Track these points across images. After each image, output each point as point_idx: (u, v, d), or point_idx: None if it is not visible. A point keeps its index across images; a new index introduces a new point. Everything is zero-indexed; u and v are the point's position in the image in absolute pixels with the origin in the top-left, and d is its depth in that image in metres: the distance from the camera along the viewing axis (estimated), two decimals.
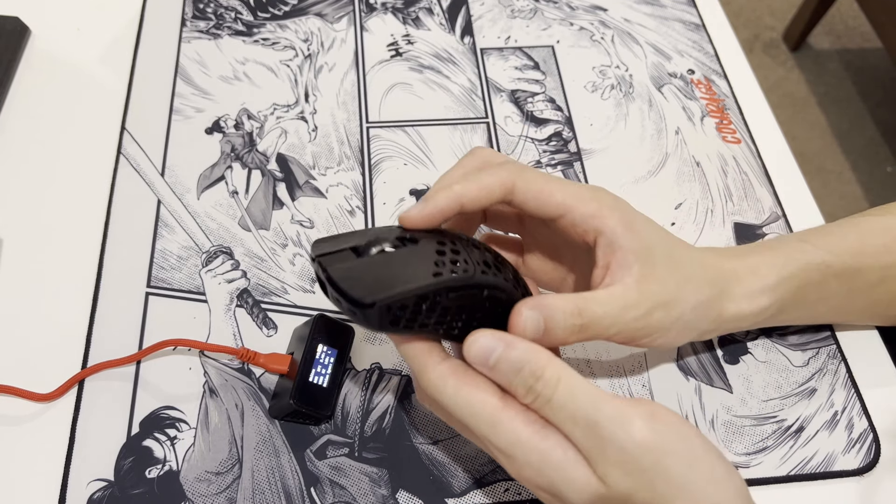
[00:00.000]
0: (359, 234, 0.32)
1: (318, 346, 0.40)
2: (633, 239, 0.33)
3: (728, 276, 0.37)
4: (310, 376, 0.39)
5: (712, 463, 0.29)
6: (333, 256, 0.30)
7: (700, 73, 0.58)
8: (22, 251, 0.45)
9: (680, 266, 0.35)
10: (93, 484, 0.37)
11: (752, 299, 0.37)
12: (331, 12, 0.60)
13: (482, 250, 0.33)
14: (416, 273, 0.29)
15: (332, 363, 0.40)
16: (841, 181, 1.52)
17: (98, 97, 0.53)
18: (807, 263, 0.38)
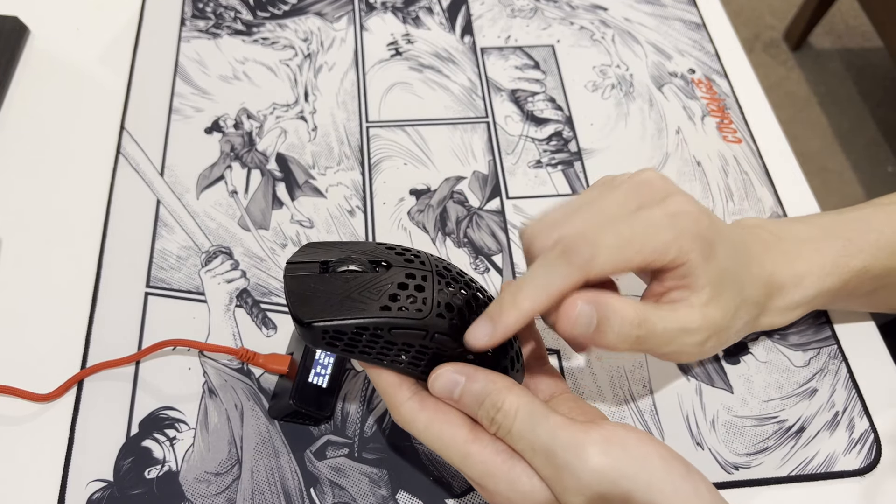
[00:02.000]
0: (345, 246, 0.32)
1: None
2: (710, 265, 0.31)
3: (771, 290, 0.36)
4: (309, 377, 0.39)
5: (673, 479, 0.28)
6: (300, 266, 0.31)
7: (701, 73, 0.58)
8: (21, 251, 0.45)
9: (742, 289, 0.34)
10: (92, 484, 0.37)
11: (787, 313, 0.38)
12: (330, 11, 0.60)
13: (454, 293, 0.31)
14: (365, 303, 0.29)
15: (332, 364, 0.39)
16: (842, 181, 1.52)
17: (97, 97, 0.53)
18: (849, 271, 0.38)
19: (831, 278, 0.37)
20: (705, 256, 0.31)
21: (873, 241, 0.38)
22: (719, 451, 0.40)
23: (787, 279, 0.36)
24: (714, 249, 0.31)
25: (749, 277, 0.34)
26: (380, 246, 0.33)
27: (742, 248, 0.34)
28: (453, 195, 0.49)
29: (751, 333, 0.44)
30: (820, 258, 0.37)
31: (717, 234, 0.32)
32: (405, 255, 0.32)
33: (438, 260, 0.33)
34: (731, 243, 0.33)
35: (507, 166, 0.51)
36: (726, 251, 0.32)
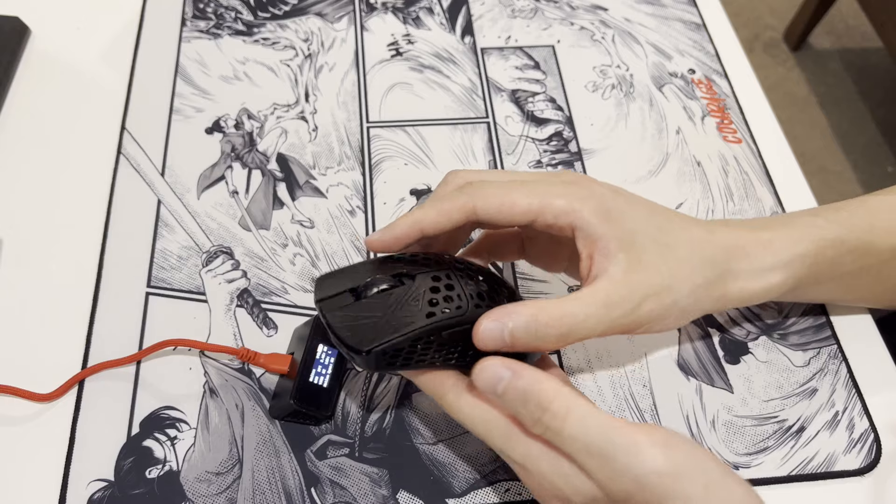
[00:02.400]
0: (359, 269, 0.33)
1: (318, 346, 0.39)
2: (611, 227, 0.32)
3: (734, 253, 0.35)
4: (310, 376, 0.39)
5: (729, 486, 0.29)
6: (333, 301, 0.32)
7: (701, 73, 0.58)
8: (22, 251, 0.45)
9: (673, 248, 0.33)
10: (93, 484, 0.37)
11: (761, 276, 0.36)
12: (331, 12, 0.60)
13: (476, 280, 0.33)
14: (411, 316, 0.31)
15: (333, 363, 0.40)
16: (841, 181, 1.52)
17: (98, 97, 0.53)
18: (822, 239, 0.37)
19: (804, 244, 0.37)
20: (600, 214, 0.32)
21: (846, 218, 0.39)
22: (719, 450, 0.40)
23: (749, 243, 0.36)
24: (615, 211, 0.32)
25: (680, 236, 0.34)
26: (386, 260, 0.34)
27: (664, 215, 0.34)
28: None
29: (750, 332, 0.44)
30: (786, 228, 0.37)
31: (613, 198, 0.33)
32: (417, 260, 0.33)
33: (444, 256, 0.34)
34: (636, 206, 0.33)
35: (507, 166, 0.51)
36: (630, 211, 0.33)
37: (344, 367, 0.40)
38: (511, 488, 0.38)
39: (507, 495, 0.38)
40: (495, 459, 0.39)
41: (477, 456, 0.39)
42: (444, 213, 0.32)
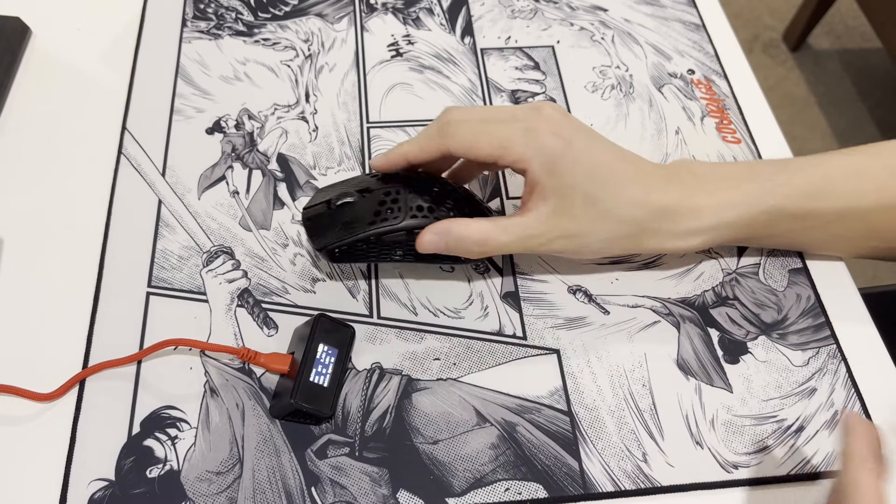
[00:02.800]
0: (348, 182, 0.43)
1: (318, 345, 0.40)
2: (552, 179, 0.38)
3: (660, 215, 0.39)
4: (310, 376, 0.39)
5: None
6: (312, 209, 0.43)
7: (700, 73, 0.58)
8: (22, 251, 0.46)
9: (600, 203, 0.38)
10: (94, 484, 0.37)
11: (681, 239, 0.40)
12: (331, 13, 0.60)
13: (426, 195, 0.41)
14: (358, 223, 0.41)
15: (333, 363, 0.40)
16: None
17: (99, 97, 0.53)
18: (755, 207, 0.40)
19: (734, 211, 0.40)
20: (548, 170, 0.38)
21: (790, 181, 0.40)
22: (719, 450, 0.40)
23: (679, 207, 0.40)
24: (559, 166, 0.38)
25: (614, 193, 0.39)
26: (367, 177, 0.43)
27: (608, 173, 0.39)
28: None
29: (749, 332, 0.44)
30: (725, 193, 0.40)
31: (569, 158, 0.38)
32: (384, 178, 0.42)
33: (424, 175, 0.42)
34: (591, 167, 0.38)
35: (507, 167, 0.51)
36: (579, 171, 0.38)
37: (344, 367, 0.41)
38: (511, 488, 0.38)
39: (506, 495, 0.38)
40: (495, 459, 0.39)
41: (477, 455, 0.39)
42: (425, 149, 0.40)
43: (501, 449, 0.39)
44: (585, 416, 0.41)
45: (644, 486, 0.38)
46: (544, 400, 0.41)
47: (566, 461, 0.39)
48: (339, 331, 0.41)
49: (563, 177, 0.38)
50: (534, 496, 0.38)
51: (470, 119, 0.39)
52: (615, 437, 0.40)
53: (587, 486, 0.38)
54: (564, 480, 0.38)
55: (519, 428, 0.40)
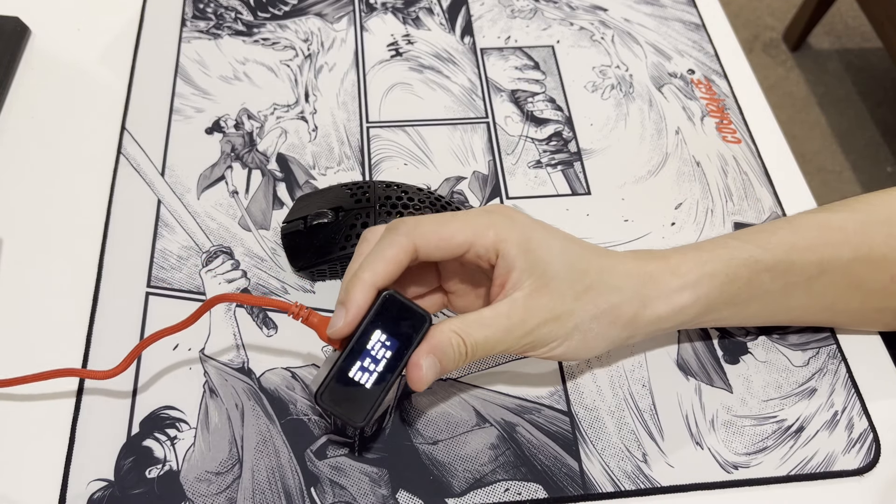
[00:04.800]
0: (325, 195, 0.45)
1: (374, 331, 0.32)
2: (527, 259, 0.34)
3: (642, 279, 0.37)
4: (352, 370, 0.32)
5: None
6: (290, 225, 0.44)
7: (700, 73, 0.58)
8: (22, 251, 0.45)
9: (581, 277, 0.35)
10: (93, 484, 0.37)
11: (669, 299, 0.37)
12: (331, 12, 0.60)
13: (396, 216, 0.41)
14: (331, 247, 0.42)
15: (387, 360, 0.32)
16: (841, 181, 1.52)
17: (98, 97, 0.53)
18: (732, 259, 0.38)
19: (712, 263, 0.38)
20: (521, 246, 0.34)
21: (764, 238, 0.39)
22: (719, 450, 0.40)
23: (657, 269, 0.37)
24: (531, 243, 0.34)
25: (591, 266, 0.36)
26: (343, 190, 0.44)
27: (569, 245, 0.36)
28: (453, 195, 0.49)
29: (749, 332, 0.44)
30: (696, 252, 0.39)
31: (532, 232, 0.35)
32: (357, 194, 0.43)
33: (385, 191, 0.44)
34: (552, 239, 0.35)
35: (507, 166, 0.51)
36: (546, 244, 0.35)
37: (401, 368, 0.33)
38: (510, 488, 0.38)
39: (506, 495, 0.38)
40: (495, 459, 0.39)
41: (477, 456, 0.39)
42: (392, 262, 0.33)
43: (501, 449, 0.39)
44: (585, 417, 0.40)
45: (644, 486, 0.38)
46: (544, 400, 0.41)
47: (566, 461, 0.39)
48: (409, 317, 0.33)
49: (539, 252, 0.34)
50: (534, 496, 0.38)
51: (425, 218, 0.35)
52: (615, 437, 0.40)
53: (587, 487, 0.38)
54: (564, 481, 0.38)
55: (519, 428, 0.40)
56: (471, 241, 0.34)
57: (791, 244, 0.39)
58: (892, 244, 0.39)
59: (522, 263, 0.34)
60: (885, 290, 0.40)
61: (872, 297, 0.40)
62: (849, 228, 0.40)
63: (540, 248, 0.34)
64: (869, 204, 0.41)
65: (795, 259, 0.38)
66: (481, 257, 0.34)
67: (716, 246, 0.39)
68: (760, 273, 0.38)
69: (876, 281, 0.39)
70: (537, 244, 0.34)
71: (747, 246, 0.39)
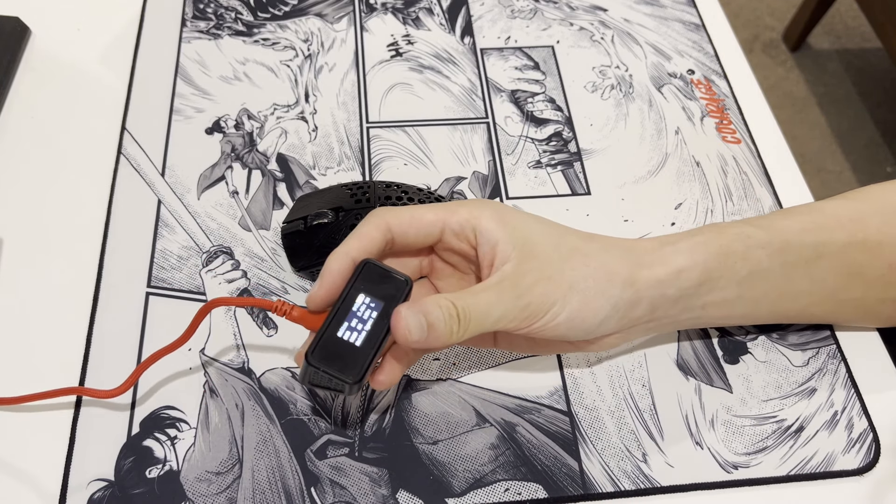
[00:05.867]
0: (325, 195, 0.45)
1: (358, 295, 0.33)
2: (507, 230, 0.34)
3: (628, 246, 0.37)
4: (339, 330, 0.32)
5: None
6: (290, 225, 0.44)
7: (700, 74, 0.58)
8: (22, 251, 0.45)
9: (563, 242, 0.35)
10: (93, 484, 0.37)
11: (665, 262, 0.36)
12: (331, 12, 0.60)
13: None
14: (330, 245, 0.41)
15: (374, 319, 0.33)
16: (841, 181, 1.52)
17: (98, 97, 0.53)
18: (723, 232, 0.38)
19: (703, 234, 0.38)
20: (498, 219, 0.34)
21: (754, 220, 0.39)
22: (718, 450, 0.40)
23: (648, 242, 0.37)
24: (507, 218, 0.34)
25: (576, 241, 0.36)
26: (343, 190, 0.44)
27: (553, 223, 0.36)
28: (453, 195, 0.50)
29: (749, 332, 0.44)
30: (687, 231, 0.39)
31: (515, 214, 0.35)
32: (357, 194, 0.44)
33: (385, 191, 0.44)
34: (533, 221, 0.36)
35: (506, 167, 0.51)
36: (531, 223, 0.35)
37: (387, 327, 0.33)
38: (510, 488, 0.38)
39: (506, 495, 0.38)
40: (495, 459, 0.39)
41: (477, 456, 0.39)
42: (366, 237, 0.34)
43: (501, 449, 0.39)
44: (585, 417, 0.41)
45: (644, 486, 0.38)
46: (544, 400, 0.41)
47: (566, 461, 0.39)
48: (389, 281, 0.34)
49: (518, 226, 0.35)
50: (534, 496, 0.38)
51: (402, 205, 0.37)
52: (615, 437, 0.40)
53: (587, 487, 0.38)
54: (564, 481, 0.38)
55: (519, 428, 0.40)
56: (442, 218, 0.35)
57: (784, 226, 0.39)
58: (887, 231, 0.39)
59: (503, 234, 0.34)
60: (884, 278, 0.40)
61: (873, 286, 0.40)
62: (842, 215, 0.40)
63: (516, 221, 0.35)
64: (864, 193, 0.41)
65: (790, 239, 0.38)
66: (459, 236, 0.35)
67: (704, 226, 0.39)
68: (755, 248, 0.38)
69: (875, 268, 0.40)
70: (512, 218, 0.35)
71: (738, 224, 0.39)
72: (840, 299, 0.41)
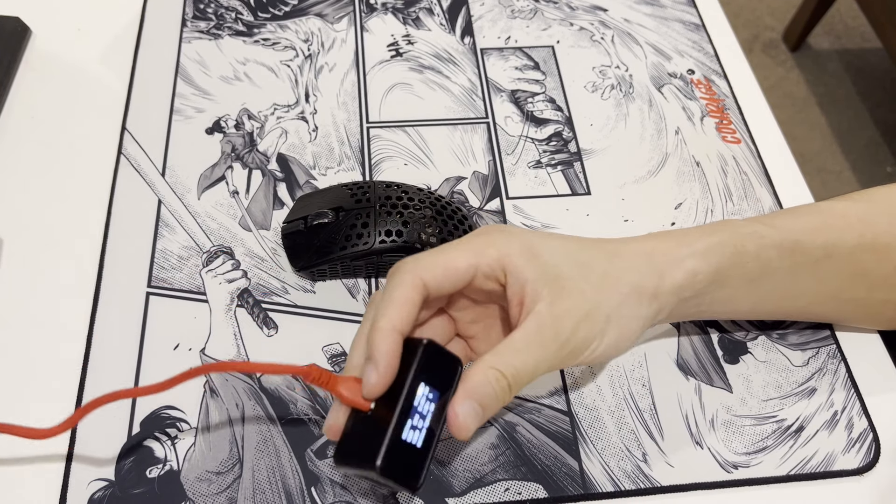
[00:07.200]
0: (325, 195, 0.45)
1: (419, 385, 0.30)
2: (536, 266, 0.33)
3: (650, 253, 0.36)
4: (403, 431, 0.29)
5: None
6: (291, 225, 0.44)
7: (700, 74, 0.58)
8: (22, 251, 0.46)
9: (592, 268, 0.35)
10: (93, 484, 0.37)
11: (682, 265, 0.36)
12: (331, 12, 0.60)
13: (394, 216, 0.42)
14: (330, 248, 0.42)
15: (432, 412, 0.30)
16: (841, 181, 1.52)
17: (99, 97, 0.53)
18: (737, 232, 0.38)
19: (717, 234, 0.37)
20: (526, 256, 0.33)
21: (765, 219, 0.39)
22: (718, 450, 0.40)
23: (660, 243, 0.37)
24: (534, 249, 0.34)
25: (597, 256, 0.35)
26: (343, 190, 0.44)
27: (571, 243, 0.36)
28: (453, 195, 0.50)
29: (749, 332, 0.44)
30: (700, 227, 0.38)
31: (532, 239, 0.34)
32: (357, 194, 0.44)
33: (386, 191, 0.44)
34: (553, 242, 0.35)
35: (507, 167, 0.51)
36: (550, 248, 0.34)
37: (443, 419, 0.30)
38: (510, 488, 0.38)
39: (506, 495, 0.38)
40: (495, 459, 0.39)
41: (477, 456, 0.39)
42: (406, 304, 0.32)
43: (501, 449, 0.39)
44: (585, 416, 0.41)
45: (644, 486, 0.38)
46: (544, 400, 0.41)
47: (566, 461, 0.39)
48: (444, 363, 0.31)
49: (544, 256, 0.34)
50: (534, 496, 0.38)
51: (423, 253, 0.34)
52: (615, 437, 0.40)
53: (587, 486, 0.38)
54: (564, 480, 0.38)
55: (519, 428, 0.40)
56: (474, 263, 0.33)
57: (794, 226, 0.39)
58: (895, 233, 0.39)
59: (533, 273, 0.33)
60: (889, 279, 0.40)
61: (878, 287, 0.40)
62: (851, 216, 0.40)
63: (543, 253, 0.34)
64: (870, 195, 0.41)
65: (801, 239, 0.38)
66: (489, 277, 0.34)
67: (718, 223, 0.39)
68: (767, 248, 0.38)
69: (881, 269, 0.40)
70: (539, 249, 0.34)
71: (751, 223, 0.39)
72: (843, 299, 0.41)
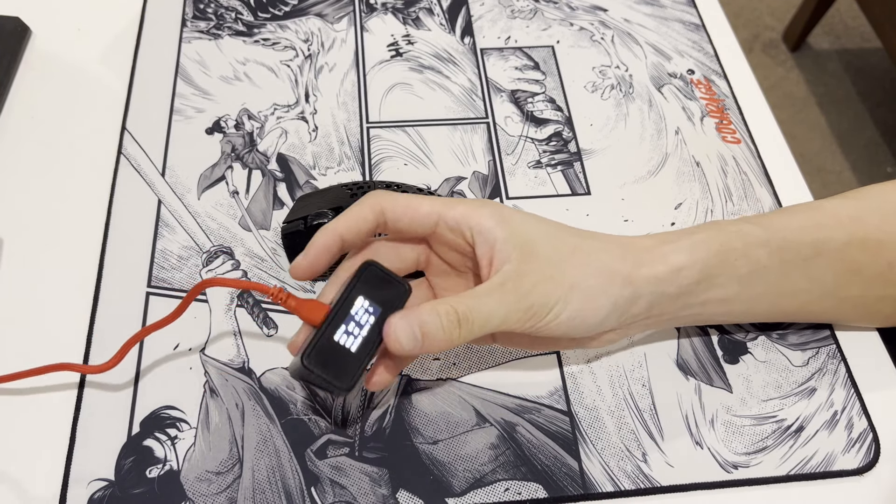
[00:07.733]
0: (325, 195, 0.45)
1: (358, 297, 0.32)
2: (506, 229, 0.34)
3: (627, 245, 0.37)
4: (336, 333, 0.31)
5: None
6: (291, 225, 0.44)
7: (700, 74, 0.58)
8: (22, 251, 0.46)
9: (563, 241, 0.35)
10: (93, 484, 0.37)
11: (664, 259, 0.36)
12: (331, 12, 0.60)
13: None
14: None
15: (371, 324, 0.32)
16: (841, 181, 1.52)
17: (98, 97, 0.53)
18: (722, 230, 0.38)
19: (702, 232, 0.38)
20: (498, 218, 0.34)
21: (753, 218, 0.39)
22: (718, 450, 0.40)
23: (646, 239, 0.37)
24: (506, 217, 0.34)
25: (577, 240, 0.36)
26: (343, 190, 0.44)
27: (553, 226, 0.36)
28: (453, 195, 0.50)
29: (749, 332, 0.44)
30: (685, 229, 0.39)
31: (514, 213, 0.35)
32: (357, 194, 0.43)
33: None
34: (533, 220, 0.35)
35: (506, 167, 0.51)
36: (530, 221, 0.35)
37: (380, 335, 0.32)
38: (510, 488, 0.38)
39: (506, 495, 0.38)
40: (495, 459, 0.39)
41: (477, 455, 0.39)
42: (357, 217, 0.34)
43: (501, 449, 0.39)
44: (585, 416, 0.41)
45: (644, 486, 0.38)
46: (544, 400, 0.41)
47: (566, 461, 0.39)
48: (390, 286, 0.33)
49: (517, 225, 0.34)
50: (534, 496, 0.38)
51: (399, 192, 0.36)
52: (615, 437, 0.40)
53: (587, 486, 0.38)
54: (564, 480, 0.38)
55: (519, 428, 0.40)
56: (438, 211, 0.34)
57: (783, 224, 0.39)
58: (887, 230, 0.39)
59: (503, 233, 0.34)
60: (883, 276, 0.40)
61: (872, 284, 0.40)
62: (842, 213, 0.40)
63: (514, 220, 0.35)
64: (863, 193, 0.41)
65: (789, 237, 0.38)
66: (454, 231, 0.35)
67: (705, 223, 0.39)
68: (755, 247, 0.38)
69: (874, 266, 0.39)
70: (511, 217, 0.35)
71: (738, 222, 0.39)
72: (839, 297, 0.41)
